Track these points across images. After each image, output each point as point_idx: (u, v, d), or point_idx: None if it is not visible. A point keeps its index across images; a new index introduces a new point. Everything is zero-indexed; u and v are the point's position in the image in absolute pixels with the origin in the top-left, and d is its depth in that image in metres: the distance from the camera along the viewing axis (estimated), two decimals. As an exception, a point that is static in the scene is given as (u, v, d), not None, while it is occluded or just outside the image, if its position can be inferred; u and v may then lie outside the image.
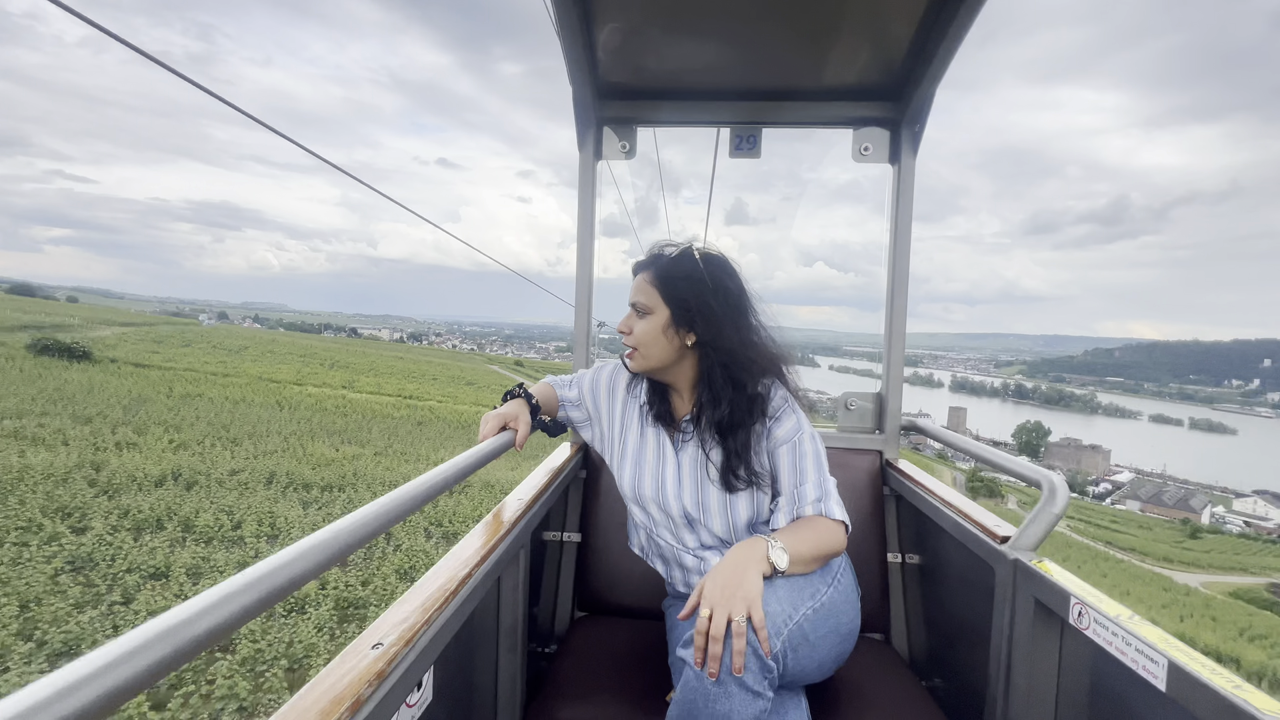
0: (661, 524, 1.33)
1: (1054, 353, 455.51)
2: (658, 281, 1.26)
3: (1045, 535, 1.20)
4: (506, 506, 1.26)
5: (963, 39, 1.45)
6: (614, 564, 1.66)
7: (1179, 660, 0.78)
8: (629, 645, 1.44)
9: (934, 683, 1.59)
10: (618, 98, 1.86)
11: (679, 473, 1.31)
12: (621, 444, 1.38)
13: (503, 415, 1.28)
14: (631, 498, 1.35)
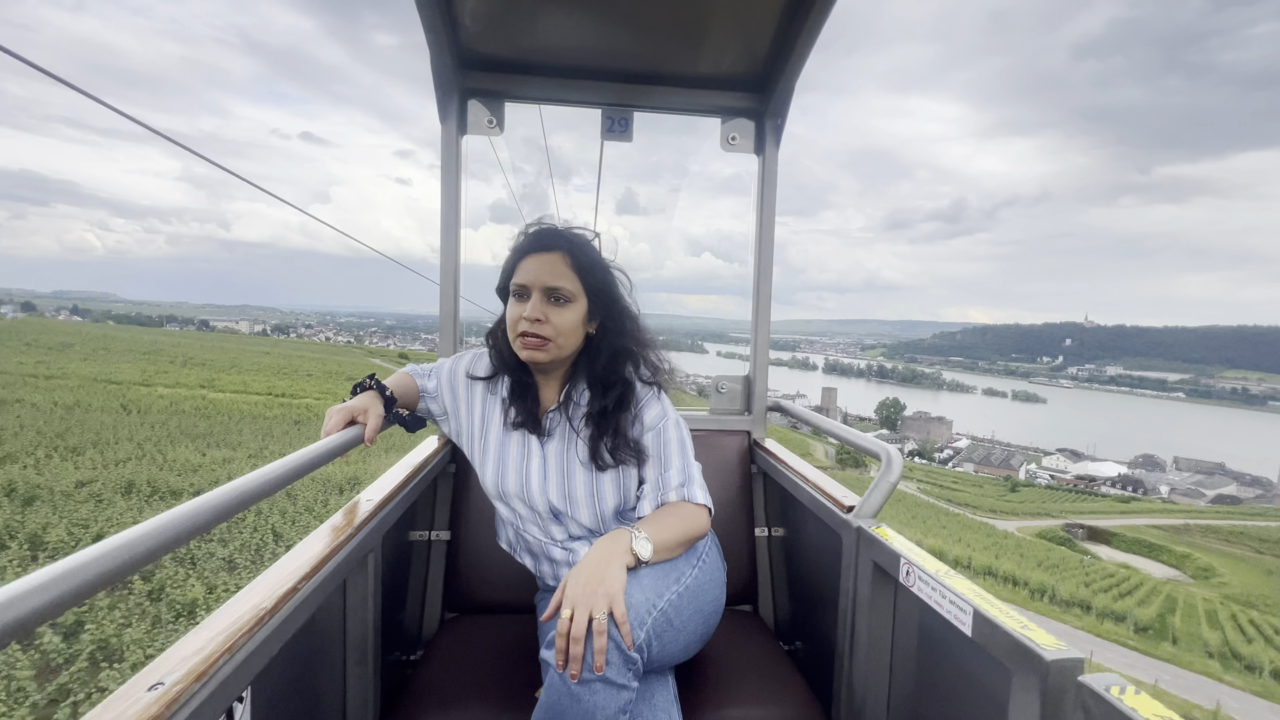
0: (528, 519, 1.29)
1: (909, 336, 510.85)
2: (578, 268, 1.20)
3: (884, 502, 1.30)
4: (357, 506, 1.18)
5: (818, 36, 1.55)
6: (485, 561, 1.59)
7: (982, 608, 0.89)
8: (500, 644, 1.41)
9: (794, 646, 1.69)
10: (483, 68, 1.76)
11: (544, 466, 1.27)
12: (483, 440, 1.30)
13: (350, 409, 1.16)
14: (495, 495, 1.30)
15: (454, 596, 1.62)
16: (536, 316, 1.16)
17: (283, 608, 0.82)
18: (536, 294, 1.17)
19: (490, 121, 1.81)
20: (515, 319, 1.19)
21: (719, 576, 1.24)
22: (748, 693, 1.28)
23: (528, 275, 1.18)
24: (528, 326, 1.17)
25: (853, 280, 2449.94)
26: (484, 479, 1.30)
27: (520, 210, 13.09)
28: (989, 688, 0.97)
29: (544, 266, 1.18)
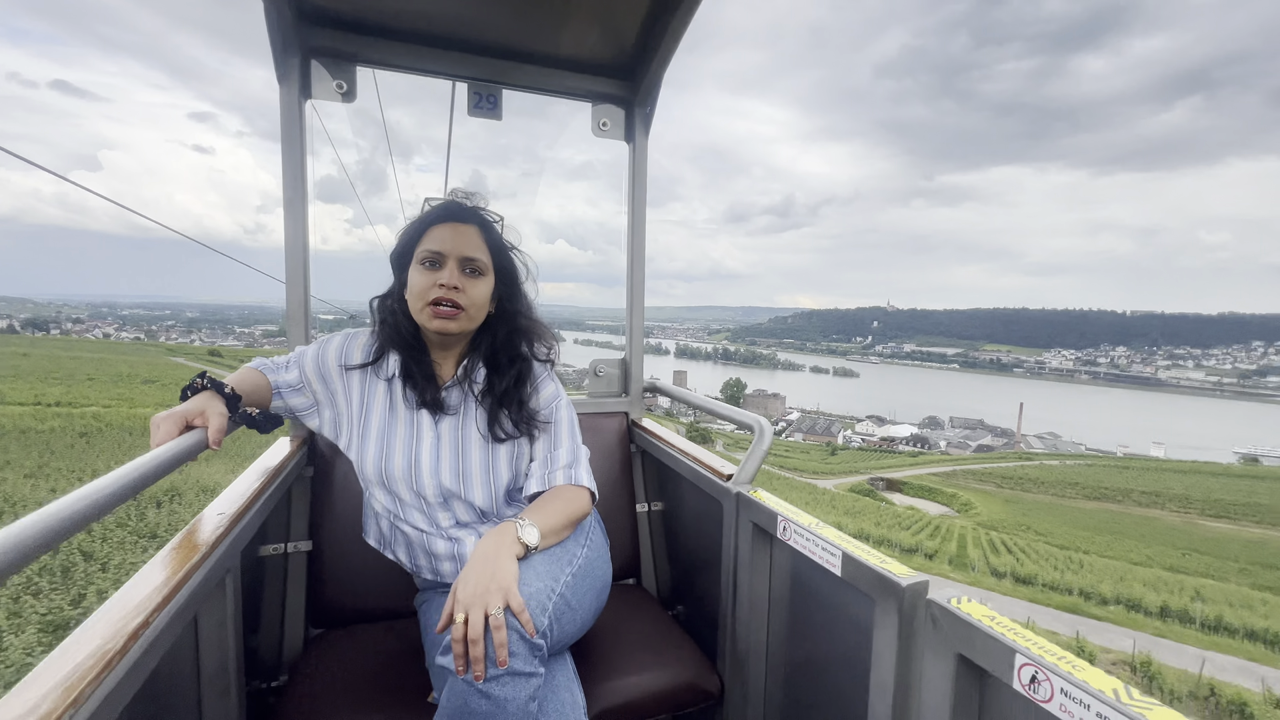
0: (411, 505, 1.22)
1: (749, 321, 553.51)
2: (490, 244, 1.20)
3: (758, 469, 1.40)
4: (202, 524, 1.06)
5: (685, 30, 1.58)
6: (355, 567, 1.49)
7: (849, 550, 1.04)
8: (379, 653, 1.35)
9: (678, 610, 1.79)
10: (330, 25, 1.61)
11: (437, 445, 1.23)
12: (363, 423, 1.23)
13: (182, 414, 1.02)
14: (377, 480, 1.22)
15: (319, 611, 1.50)
16: (455, 284, 1.13)
17: (128, 652, 0.72)
18: (453, 262, 1.14)
19: (340, 87, 1.65)
20: (426, 287, 1.13)
21: (606, 554, 1.28)
22: (640, 660, 1.33)
23: (443, 244, 1.15)
24: (442, 294, 1.13)
25: (699, 269, 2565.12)
26: (364, 465, 1.22)
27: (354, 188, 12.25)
28: (856, 618, 1.08)
29: (460, 236, 1.16)
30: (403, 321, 1.21)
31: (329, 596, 1.49)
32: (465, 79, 1.78)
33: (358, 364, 1.25)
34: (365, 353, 1.25)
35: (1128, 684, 0.68)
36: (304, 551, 1.53)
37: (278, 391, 1.23)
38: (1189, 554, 39.14)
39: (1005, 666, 0.78)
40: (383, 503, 1.24)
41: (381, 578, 1.48)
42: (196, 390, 1.09)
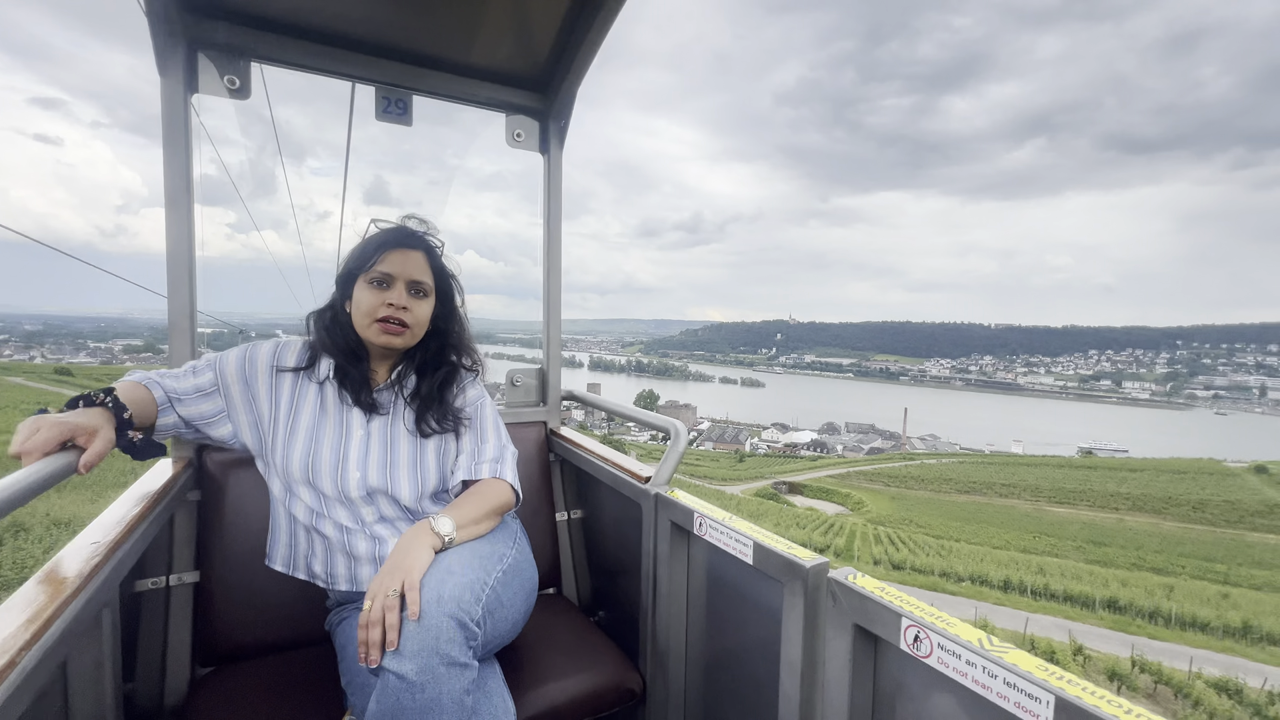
0: (335, 501, 1.23)
1: (662, 334, 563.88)
2: (434, 269, 1.29)
3: (674, 470, 1.45)
4: (73, 554, 0.95)
5: (599, 45, 1.60)
6: (253, 597, 1.38)
7: (760, 540, 1.12)
8: (279, 686, 1.25)
9: (600, 616, 1.82)
10: (219, 16, 1.52)
11: (366, 441, 1.26)
12: (291, 423, 1.25)
13: (70, 426, 0.91)
14: (302, 476, 1.22)
15: (209, 647, 1.37)
16: (404, 304, 1.22)
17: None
18: (401, 284, 1.23)
19: (232, 83, 1.54)
20: (376, 305, 1.21)
21: (531, 558, 1.32)
22: (563, 666, 1.34)
23: (394, 266, 1.22)
24: (390, 312, 1.21)
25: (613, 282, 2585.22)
26: (289, 463, 1.22)
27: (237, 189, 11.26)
28: (767, 602, 1.15)
29: (410, 261, 1.24)
30: (344, 332, 1.27)
31: (221, 630, 1.37)
32: (373, 82, 1.72)
33: (291, 367, 1.28)
34: (299, 359, 1.29)
35: (990, 634, 0.79)
36: (189, 584, 1.42)
37: (172, 403, 1.18)
38: (1039, 536, 44.68)
39: (894, 630, 0.86)
40: (306, 503, 1.24)
41: (285, 605, 1.40)
42: (93, 403, 1.00)
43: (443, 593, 0.97)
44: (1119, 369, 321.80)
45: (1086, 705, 0.66)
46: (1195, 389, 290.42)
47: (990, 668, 0.75)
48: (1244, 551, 44.17)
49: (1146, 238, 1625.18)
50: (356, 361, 1.27)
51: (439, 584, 0.99)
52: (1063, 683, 0.70)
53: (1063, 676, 0.72)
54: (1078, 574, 30.46)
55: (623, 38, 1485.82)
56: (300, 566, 1.28)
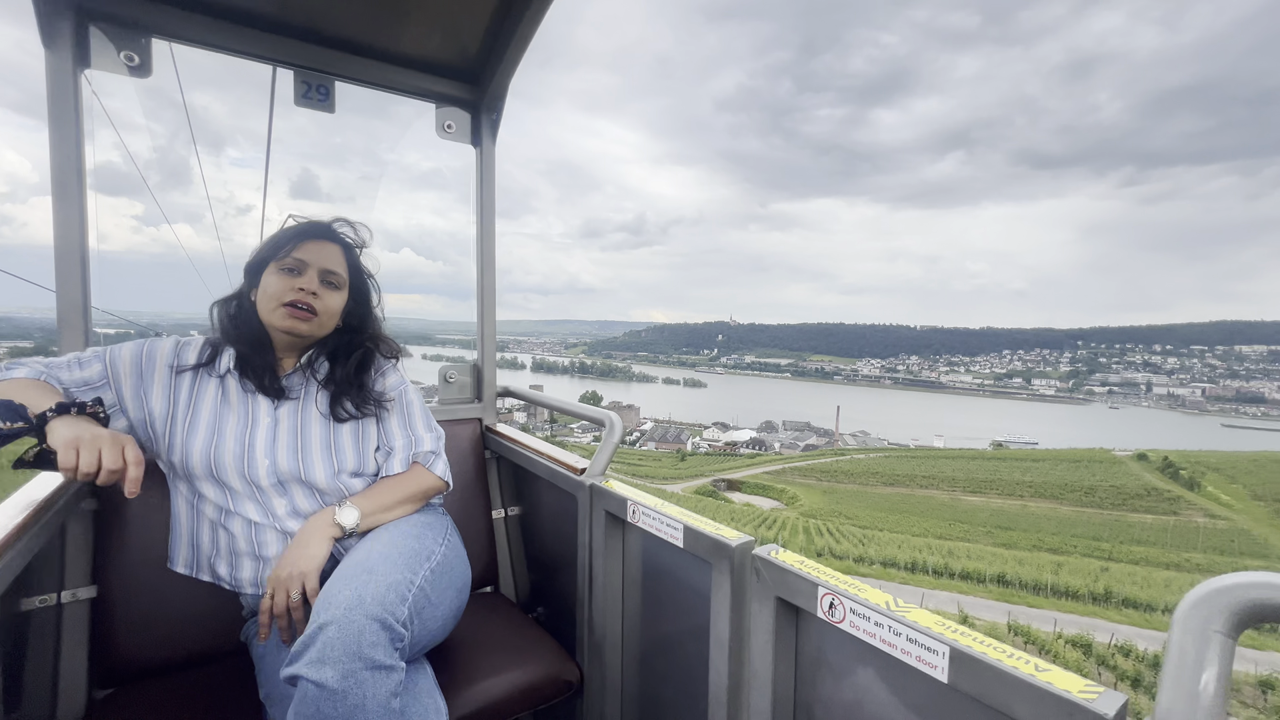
0: (243, 495, 1.17)
1: (606, 335, 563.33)
2: (350, 265, 1.27)
3: (609, 460, 1.48)
4: None
5: (531, 37, 1.58)
6: (157, 610, 1.30)
7: (689, 523, 1.17)
8: (191, 705, 1.19)
9: (538, 612, 1.82)
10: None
11: (274, 428, 1.21)
12: (190, 418, 1.18)
13: (123, 445, 0.92)
14: (205, 471, 1.15)
15: (109, 667, 1.29)
16: (314, 290, 1.19)
17: None
18: (313, 271, 1.20)
19: (130, 59, 1.43)
20: (285, 289, 1.18)
21: (464, 555, 1.31)
22: (500, 663, 1.33)
23: (307, 254, 1.21)
24: (297, 296, 1.18)
25: (556, 283, 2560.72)
26: (189, 458, 1.15)
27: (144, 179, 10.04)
28: (697, 583, 1.20)
29: (324, 251, 1.22)
30: (248, 320, 1.22)
31: (122, 648, 1.28)
32: (291, 65, 1.63)
33: (191, 364, 1.21)
34: (200, 354, 1.23)
35: (896, 597, 0.85)
36: (85, 600, 1.31)
37: (65, 395, 1.08)
38: (954, 524, 48.07)
39: (811, 600, 0.91)
40: (212, 500, 1.17)
41: (196, 616, 1.32)
42: (84, 412, 0.96)
43: (364, 594, 0.94)
44: (1029, 367, 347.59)
45: (975, 653, 0.72)
46: (1093, 385, 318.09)
47: (895, 626, 0.80)
48: (1126, 531, 49.33)
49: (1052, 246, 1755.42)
50: (260, 350, 1.23)
51: (360, 585, 0.96)
52: (956, 634, 0.76)
53: (957, 630, 0.77)
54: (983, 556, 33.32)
55: (565, 37, 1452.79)
56: (204, 567, 1.21)
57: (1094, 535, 47.00)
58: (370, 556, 1.04)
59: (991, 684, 0.71)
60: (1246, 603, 0.54)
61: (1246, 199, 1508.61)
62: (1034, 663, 0.70)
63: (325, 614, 0.92)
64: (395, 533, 1.16)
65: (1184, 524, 52.20)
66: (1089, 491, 62.10)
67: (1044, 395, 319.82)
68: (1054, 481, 65.60)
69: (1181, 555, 40.61)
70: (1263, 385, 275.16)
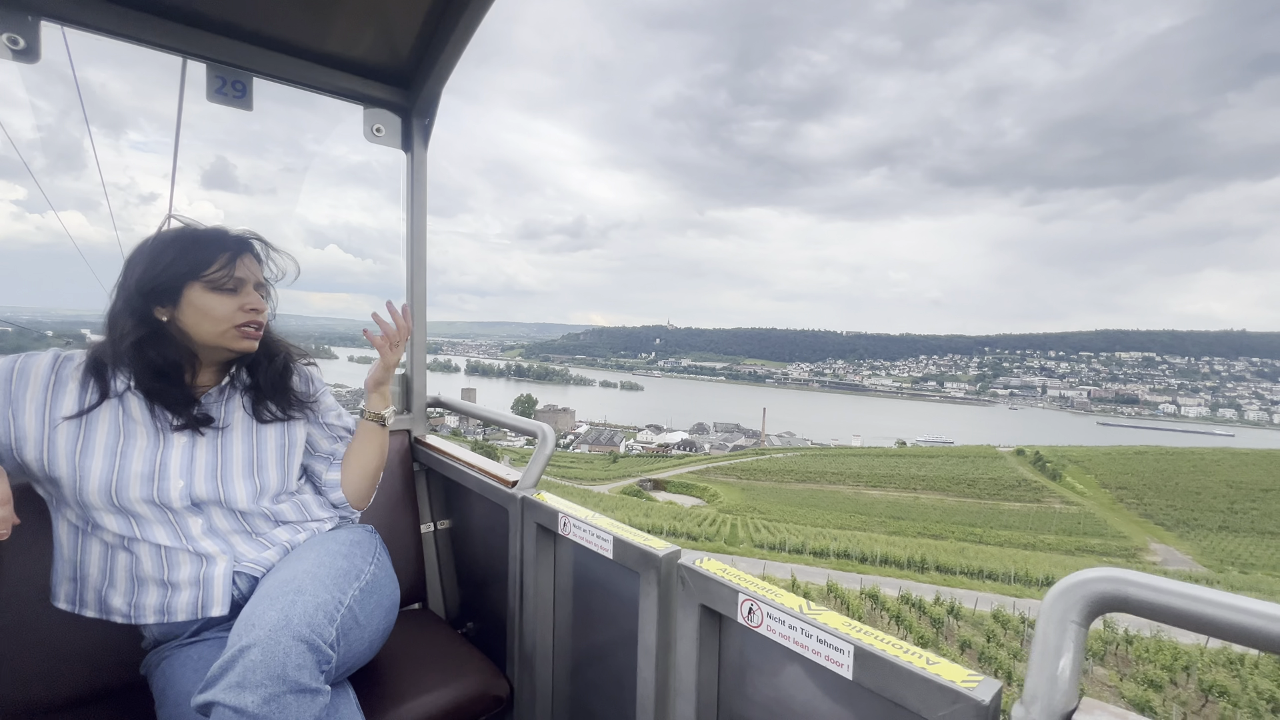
0: (151, 520, 1.07)
1: (544, 337, 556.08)
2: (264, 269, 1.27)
3: (541, 472, 1.48)
4: None
5: (466, 42, 1.54)
6: (41, 645, 1.17)
7: (619, 534, 1.18)
8: None
9: (468, 628, 1.83)
10: None
11: (191, 449, 1.12)
12: (82, 442, 1.05)
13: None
14: (103, 502, 1.05)
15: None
16: (258, 306, 1.16)
17: None
18: (250, 286, 1.17)
19: (14, 42, 1.29)
20: (232, 311, 1.12)
21: (392, 573, 1.28)
22: (428, 681, 1.30)
23: (242, 270, 1.15)
24: (251, 317, 1.14)
25: (493, 284, 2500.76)
26: (85, 489, 1.04)
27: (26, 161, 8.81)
28: (626, 593, 1.22)
29: (251, 264, 1.18)
30: (169, 346, 1.09)
31: (3, 690, 1.16)
32: (203, 59, 1.53)
33: (73, 382, 1.07)
34: (83, 371, 1.09)
35: (808, 600, 0.91)
36: None
37: None
38: (854, 515, 52.46)
39: (732, 606, 0.95)
40: (110, 528, 1.07)
41: (87, 650, 1.22)
42: None
43: (291, 614, 0.90)
44: (942, 371, 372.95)
45: (876, 650, 0.77)
46: (997, 388, 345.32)
47: (806, 628, 0.84)
48: (997, 517, 55.57)
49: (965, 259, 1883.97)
50: (176, 379, 1.11)
51: (288, 605, 0.92)
52: (861, 634, 0.81)
53: (862, 629, 0.82)
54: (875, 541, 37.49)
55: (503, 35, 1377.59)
56: (90, 603, 1.10)
57: (971, 522, 52.70)
58: (297, 575, 1.00)
59: (889, 678, 0.75)
60: (1096, 595, 0.61)
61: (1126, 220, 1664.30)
62: (926, 656, 0.75)
63: (248, 636, 0.87)
64: (322, 552, 1.13)
65: (1044, 510, 59.41)
66: (971, 484, 68.86)
67: (954, 397, 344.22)
68: (943, 475, 72.15)
69: (1038, 536, 46.49)
70: (1137, 388, 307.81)
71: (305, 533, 1.24)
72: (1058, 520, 54.87)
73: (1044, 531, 49.44)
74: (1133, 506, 61.25)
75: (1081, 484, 68.74)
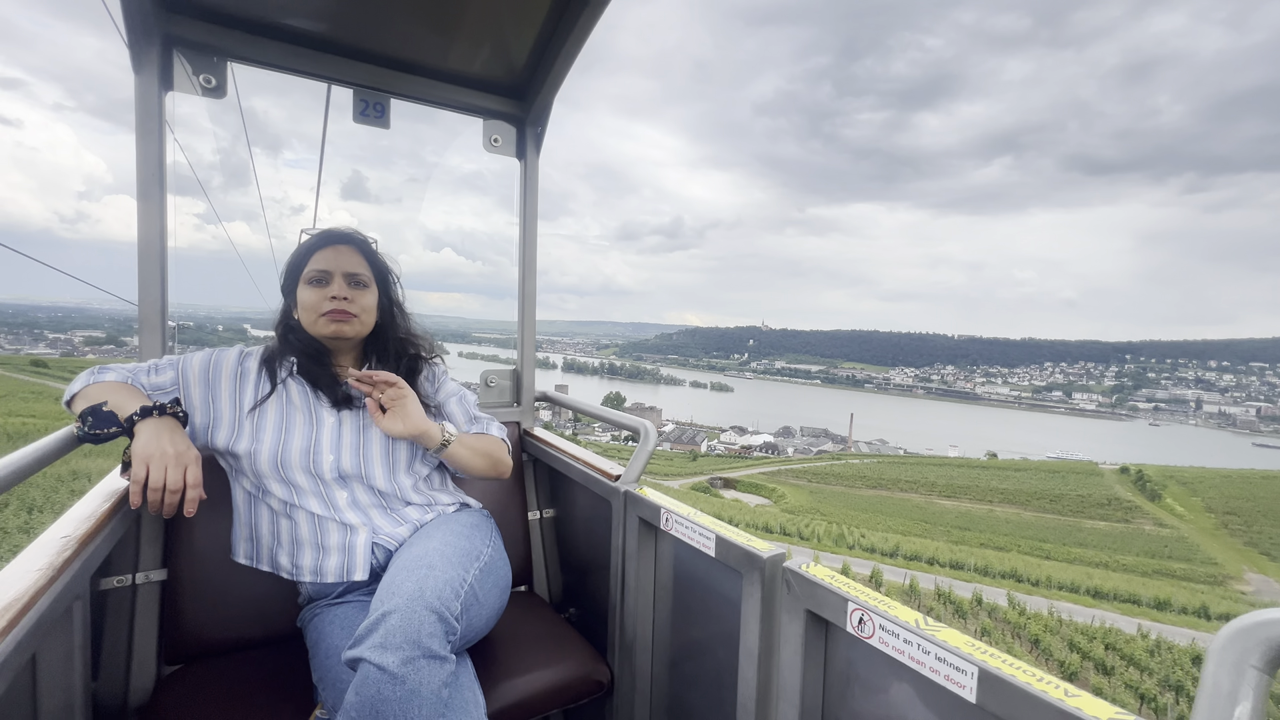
0: (308, 491, 1.25)
1: (638, 337, 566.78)
2: (368, 261, 1.33)
3: (643, 468, 1.51)
4: (42, 549, 0.93)
5: (576, 54, 1.65)
6: (221, 593, 1.37)
7: (721, 533, 1.17)
8: (248, 685, 1.25)
9: (570, 613, 1.89)
10: (193, 15, 1.49)
11: (338, 430, 1.29)
12: (256, 419, 1.26)
13: (189, 456, 1.07)
14: (271, 472, 1.24)
15: (176, 645, 1.35)
16: (344, 295, 1.26)
17: None
18: (339, 277, 1.27)
19: (207, 82, 1.53)
20: (318, 300, 1.25)
21: (505, 556, 1.37)
22: (533, 660, 1.37)
23: (327, 263, 1.27)
24: (333, 305, 1.25)
25: (591, 284, 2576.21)
26: (258, 458, 1.24)
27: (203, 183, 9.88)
28: (727, 592, 1.22)
29: (341, 256, 1.29)
30: (301, 337, 1.31)
31: (189, 628, 1.36)
32: (350, 85, 1.74)
33: (254, 373, 1.30)
34: (260, 363, 1.32)
35: (926, 614, 0.85)
36: (157, 582, 1.40)
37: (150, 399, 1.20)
38: (919, 522, 52.40)
39: (840, 614, 0.92)
40: (278, 496, 1.25)
41: (255, 601, 1.40)
42: (164, 414, 1.11)
43: (425, 587, 1.00)
44: (1071, 381, 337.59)
45: (1004, 674, 0.72)
46: (1138, 401, 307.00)
47: (924, 644, 0.80)
48: (1075, 535, 52.60)
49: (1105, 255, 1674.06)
50: (320, 361, 1.31)
51: (421, 578, 1.03)
52: (986, 656, 0.76)
53: (986, 651, 0.77)
54: (939, 548, 38.85)
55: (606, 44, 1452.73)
56: (264, 559, 1.29)
57: (1041, 537, 50.64)
58: (429, 553, 1.11)
59: (1019, 706, 0.71)
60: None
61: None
62: (1063, 687, 0.69)
63: (388, 603, 0.98)
64: (448, 532, 1.24)
65: (1132, 530, 54.99)
66: (1055, 499, 64.75)
67: (1083, 410, 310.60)
68: (1025, 489, 68.33)
69: (1114, 557, 44.15)
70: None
71: (432, 513, 1.36)
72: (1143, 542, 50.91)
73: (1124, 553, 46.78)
74: (1238, 534, 55.48)
75: (1184, 506, 62.41)
